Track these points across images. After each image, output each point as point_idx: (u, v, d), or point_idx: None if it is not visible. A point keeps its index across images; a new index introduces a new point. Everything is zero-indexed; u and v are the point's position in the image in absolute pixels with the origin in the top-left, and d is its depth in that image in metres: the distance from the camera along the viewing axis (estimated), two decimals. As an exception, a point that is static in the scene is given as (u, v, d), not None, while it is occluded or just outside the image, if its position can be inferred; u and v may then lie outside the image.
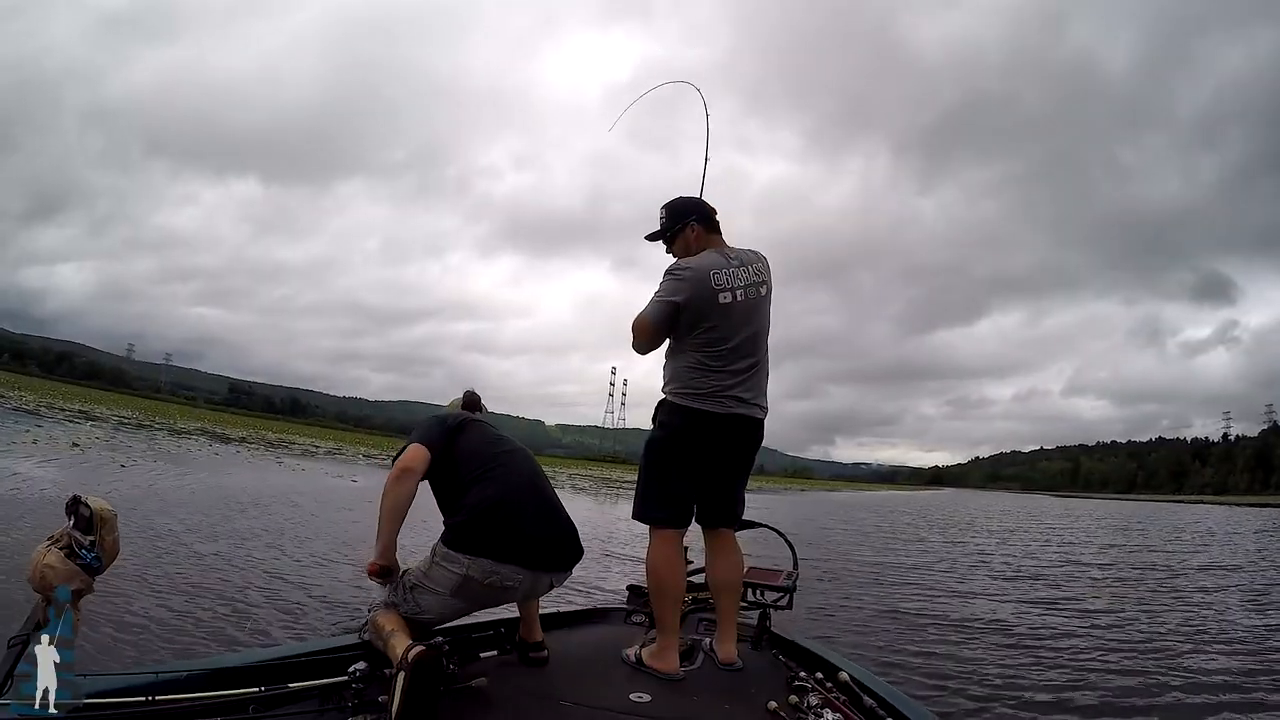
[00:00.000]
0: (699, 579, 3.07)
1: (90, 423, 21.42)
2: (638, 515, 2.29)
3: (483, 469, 1.99)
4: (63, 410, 25.62)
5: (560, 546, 2.05)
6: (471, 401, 2.34)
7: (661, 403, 2.28)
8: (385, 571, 1.94)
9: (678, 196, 2.42)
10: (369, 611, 1.96)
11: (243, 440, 27.18)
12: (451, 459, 2.01)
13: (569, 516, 2.12)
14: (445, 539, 1.91)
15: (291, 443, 31.88)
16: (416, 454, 1.95)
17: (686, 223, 2.34)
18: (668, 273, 2.25)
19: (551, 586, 2.10)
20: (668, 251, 2.41)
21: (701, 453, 2.24)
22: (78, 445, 12.68)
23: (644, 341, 2.29)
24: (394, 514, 1.92)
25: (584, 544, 2.14)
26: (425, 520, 2.12)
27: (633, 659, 2.19)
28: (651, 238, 2.43)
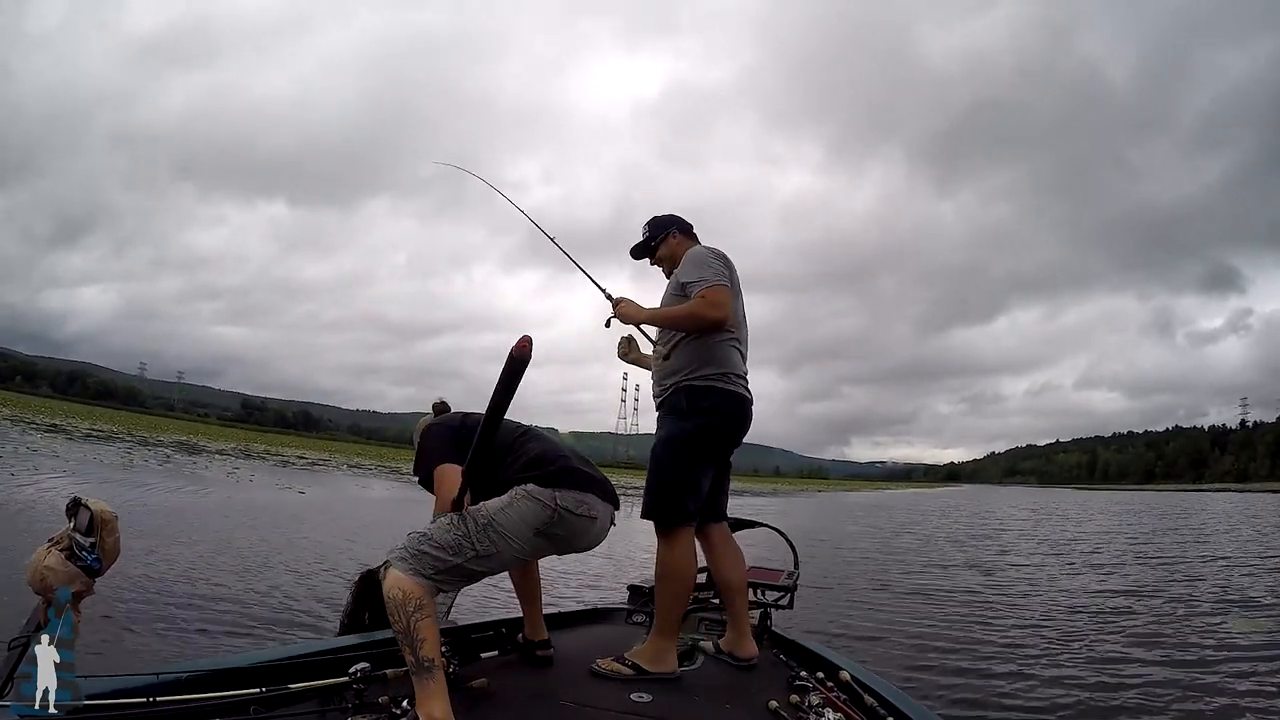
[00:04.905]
0: (699, 578, 3.08)
1: (45, 434, 20.26)
2: (664, 513, 2.17)
3: (519, 434, 2.02)
4: (29, 423, 24.62)
5: (608, 482, 2.05)
6: (441, 409, 2.25)
7: (696, 389, 2.19)
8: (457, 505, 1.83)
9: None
10: (402, 559, 1.67)
11: (219, 452, 25.79)
12: (463, 451, 1.96)
13: None
14: (526, 482, 1.86)
15: (275, 455, 30.42)
16: (451, 479, 1.86)
17: (668, 232, 2.46)
18: (703, 260, 2.22)
19: (611, 525, 2.05)
20: (652, 263, 2.52)
21: (734, 443, 2.27)
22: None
23: (725, 315, 2.17)
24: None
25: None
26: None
27: (628, 667, 2.08)
28: (637, 252, 2.53)
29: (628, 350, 2.58)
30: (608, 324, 2.40)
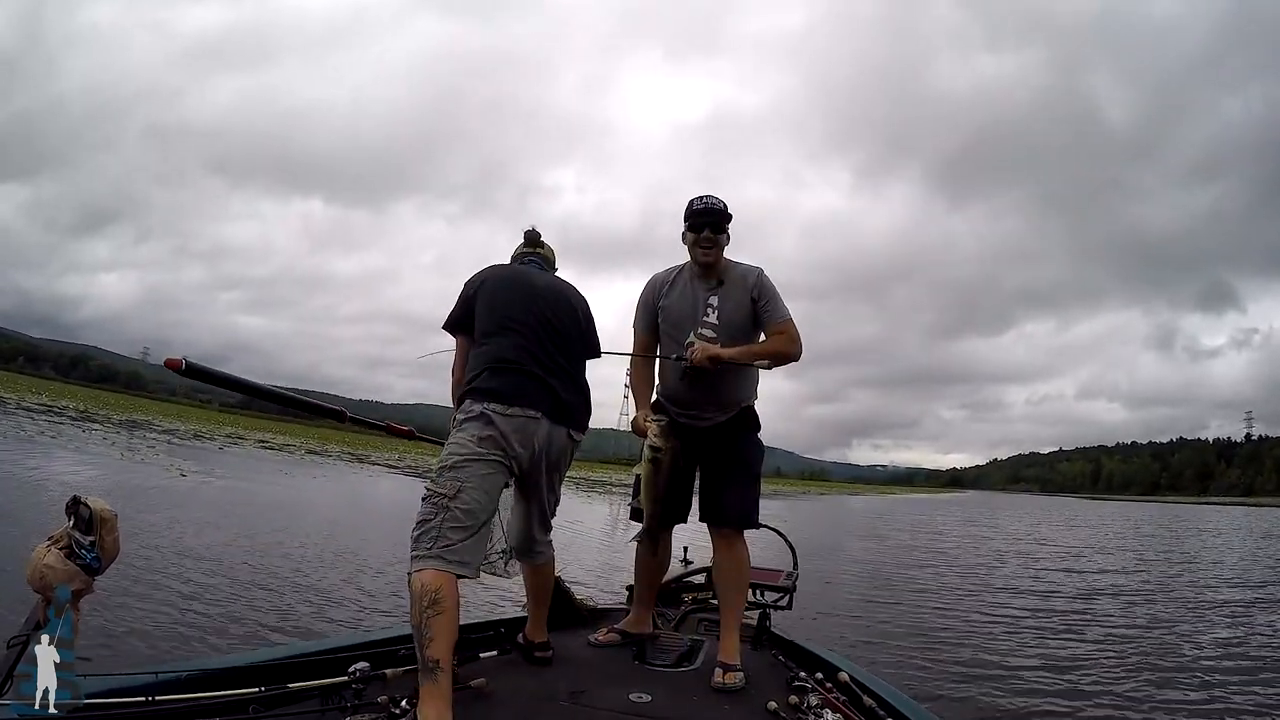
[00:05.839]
0: (699, 579, 3.07)
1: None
2: (756, 520, 2.39)
3: (498, 323, 1.97)
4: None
5: (569, 400, 1.98)
6: (531, 239, 2.27)
7: (754, 408, 2.36)
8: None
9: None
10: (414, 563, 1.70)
11: (169, 431, 24.63)
12: (472, 321, 2.02)
13: (583, 378, 2.08)
14: (461, 397, 1.92)
15: (243, 438, 28.70)
16: (454, 349, 2.09)
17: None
18: (778, 293, 2.28)
19: (572, 443, 2.01)
20: (714, 241, 2.26)
21: None
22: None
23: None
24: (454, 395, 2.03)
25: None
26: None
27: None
28: (720, 216, 2.25)
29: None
30: (685, 377, 2.23)
